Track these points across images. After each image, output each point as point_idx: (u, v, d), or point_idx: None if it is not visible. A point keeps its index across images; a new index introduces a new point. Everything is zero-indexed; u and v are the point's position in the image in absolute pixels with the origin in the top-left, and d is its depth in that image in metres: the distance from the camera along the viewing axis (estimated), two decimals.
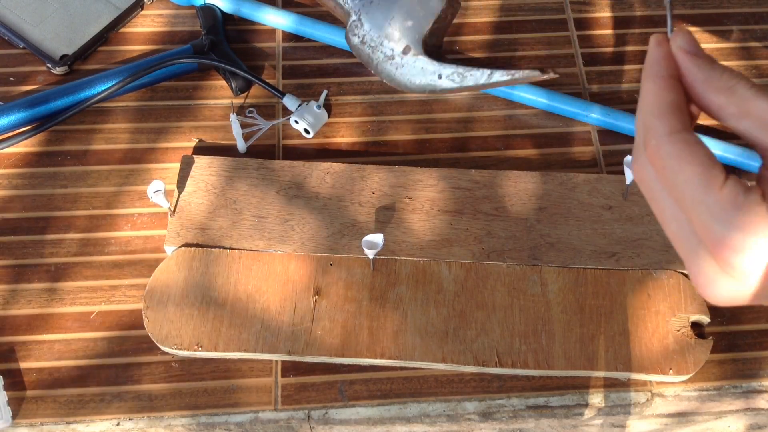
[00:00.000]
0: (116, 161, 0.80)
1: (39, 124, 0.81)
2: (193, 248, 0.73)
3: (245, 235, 0.73)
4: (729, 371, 0.71)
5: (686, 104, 0.37)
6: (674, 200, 0.36)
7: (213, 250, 0.73)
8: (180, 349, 0.68)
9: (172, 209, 0.74)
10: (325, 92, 0.84)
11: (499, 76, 0.59)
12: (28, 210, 0.77)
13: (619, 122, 0.83)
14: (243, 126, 0.81)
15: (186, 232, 0.73)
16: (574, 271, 0.73)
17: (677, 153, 0.35)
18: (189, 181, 0.76)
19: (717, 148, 0.81)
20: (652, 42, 0.39)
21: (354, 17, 0.61)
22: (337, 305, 0.70)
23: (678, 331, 0.70)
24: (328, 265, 0.72)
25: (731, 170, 0.78)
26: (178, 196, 0.75)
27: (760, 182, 0.36)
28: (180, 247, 0.73)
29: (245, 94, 0.85)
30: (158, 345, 0.69)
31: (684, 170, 0.34)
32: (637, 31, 0.92)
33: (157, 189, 0.70)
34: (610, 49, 0.90)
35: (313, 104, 0.82)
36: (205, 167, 0.77)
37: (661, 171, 0.35)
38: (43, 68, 0.86)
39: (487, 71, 0.59)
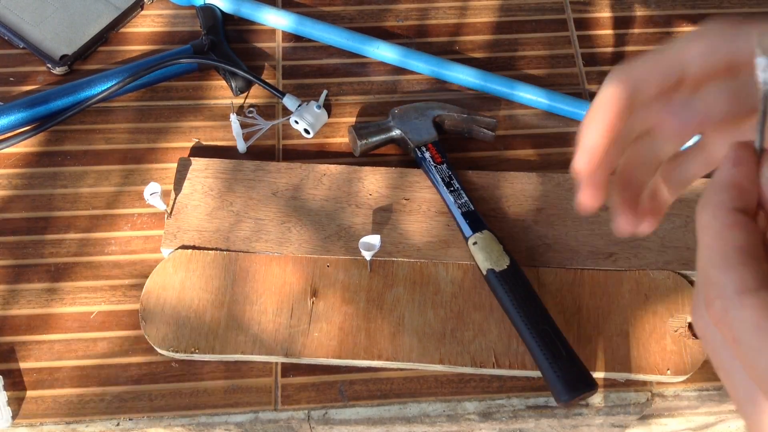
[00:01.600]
0: (116, 161, 0.80)
1: (39, 124, 0.81)
2: (190, 250, 0.73)
3: (242, 237, 0.73)
4: None
5: (765, 248, 0.27)
6: (752, 381, 0.27)
7: (210, 252, 0.73)
8: (177, 352, 0.68)
9: (169, 211, 0.74)
10: (325, 92, 0.84)
11: None
12: (28, 210, 0.77)
13: None
14: (243, 126, 0.81)
15: (183, 234, 0.74)
16: (572, 271, 0.73)
17: (754, 324, 0.25)
18: (186, 183, 0.76)
19: None
20: (730, 160, 0.28)
21: None
22: (335, 307, 0.70)
23: (675, 331, 0.70)
24: (325, 266, 0.72)
25: None
26: (175, 198, 0.75)
27: None
28: (177, 249, 0.73)
29: (245, 94, 0.85)
30: (155, 348, 0.69)
31: (764, 350, 0.25)
32: (637, 31, 0.91)
33: (153, 191, 0.70)
34: (610, 49, 0.90)
35: (313, 104, 0.82)
36: (201, 169, 0.77)
37: (731, 342, 0.26)
38: (43, 68, 0.86)
39: None
